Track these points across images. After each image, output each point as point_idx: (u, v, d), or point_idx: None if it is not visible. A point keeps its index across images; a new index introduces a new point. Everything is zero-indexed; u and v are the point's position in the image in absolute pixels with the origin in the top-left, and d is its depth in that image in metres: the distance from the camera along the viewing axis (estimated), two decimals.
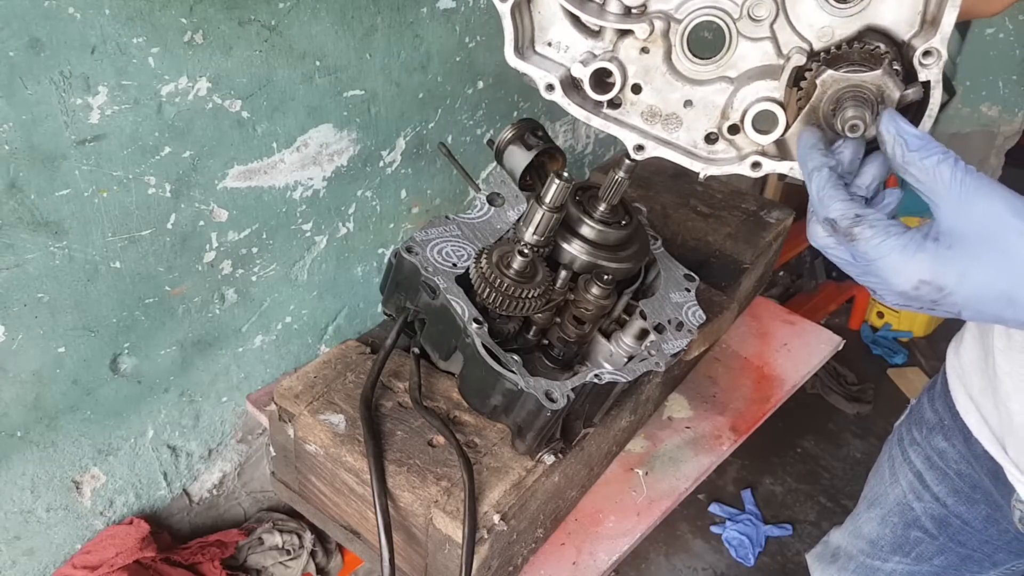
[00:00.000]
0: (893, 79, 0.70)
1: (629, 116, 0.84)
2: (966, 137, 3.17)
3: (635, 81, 0.82)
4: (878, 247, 0.65)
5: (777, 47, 0.77)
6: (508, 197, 1.18)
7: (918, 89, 0.72)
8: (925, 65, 0.71)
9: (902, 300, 0.66)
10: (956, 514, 1.23)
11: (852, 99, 0.71)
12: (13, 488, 1.24)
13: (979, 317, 0.65)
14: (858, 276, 0.68)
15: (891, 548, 1.34)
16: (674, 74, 0.81)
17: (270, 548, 1.55)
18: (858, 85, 0.71)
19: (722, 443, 1.42)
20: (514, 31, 0.81)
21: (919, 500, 1.27)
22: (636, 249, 1.15)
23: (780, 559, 2.44)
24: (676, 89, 0.81)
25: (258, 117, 1.23)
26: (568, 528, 1.26)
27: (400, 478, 1.06)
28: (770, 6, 0.74)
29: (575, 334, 1.11)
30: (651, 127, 0.84)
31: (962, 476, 1.20)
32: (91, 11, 0.98)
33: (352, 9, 1.26)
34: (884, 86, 0.70)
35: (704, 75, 0.80)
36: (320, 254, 1.47)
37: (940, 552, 1.29)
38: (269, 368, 1.52)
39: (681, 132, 0.84)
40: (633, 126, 0.84)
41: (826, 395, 2.95)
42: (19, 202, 1.03)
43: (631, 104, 0.84)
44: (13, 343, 1.12)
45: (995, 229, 0.61)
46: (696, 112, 0.82)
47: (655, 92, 0.82)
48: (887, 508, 1.34)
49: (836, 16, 0.74)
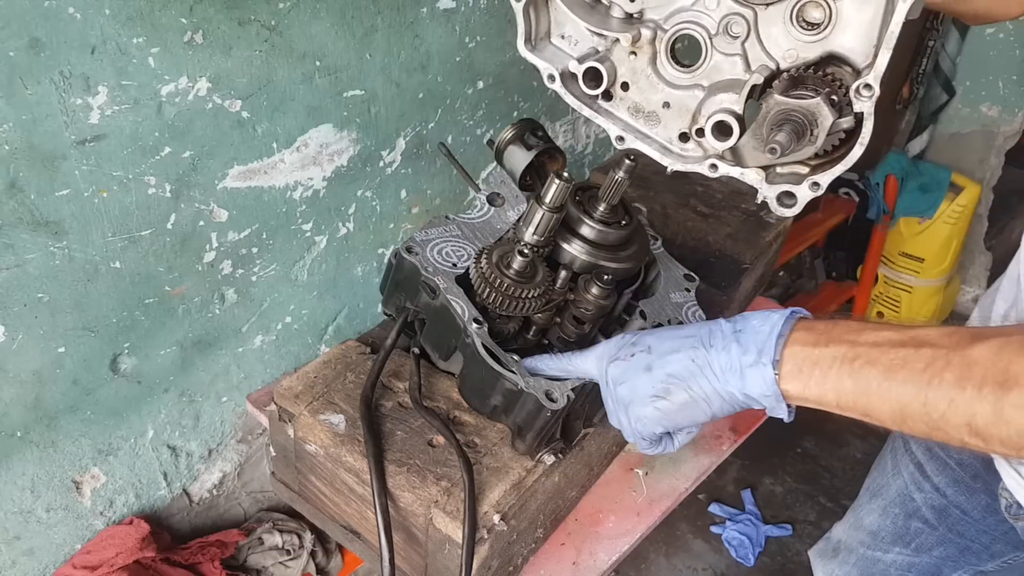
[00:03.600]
0: (828, 108, 0.76)
1: (618, 109, 0.93)
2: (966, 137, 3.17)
3: (624, 80, 0.91)
4: (639, 432, 0.91)
5: (747, 63, 0.84)
6: (508, 197, 1.18)
7: (851, 119, 0.78)
8: (860, 98, 0.76)
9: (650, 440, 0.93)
10: (956, 504, 1.24)
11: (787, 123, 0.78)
12: (13, 488, 1.24)
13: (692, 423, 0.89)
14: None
15: (892, 539, 1.35)
16: (657, 77, 0.89)
17: (270, 548, 1.55)
18: (795, 110, 0.78)
19: (722, 443, 1.42)
20: (526, 26, 0.92)
21: (920, 491, 1.28)
22: (636, 249, 1.15)
23: (780, 559, 2.44)
24: (658, 91, 0.90)
25: (258, 117, 1.23)
26: (568, 528, 1.26)
27: (400, 478, 1.06)
28: (743, 25, 0.81)
29: (575, 334, 1.11)
30: (635, 121, 0.93)
31: (963, 465, 1.21)
32: (91, 11, 0.98)
33: (352, 9, 1.26)
34: (819, 113, 0.77)
35: (682, 81, 0.88)
36: (320, 254, 1.47)
37: (940, 543, 1.30)
38: (269, 368, 1.52)
39: (659, 129, 0.92)
40: (619, 119, 0.93)
41: None
42: (19, 202, 1.03)
43: (620, 99, 0.93)
44: (13, 343, 1.12)
45: (625, 391, 0.89)
46: (673, 113, 0.90)
47: (640, 91, 0.91)
48: (888, 499, 1.35)
49: (801, 40, 0.79)
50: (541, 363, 1.01)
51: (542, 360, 1.01)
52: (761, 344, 0.76)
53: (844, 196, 3.07)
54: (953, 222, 3.05)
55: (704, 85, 0.87)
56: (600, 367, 0.92)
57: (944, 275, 3.18)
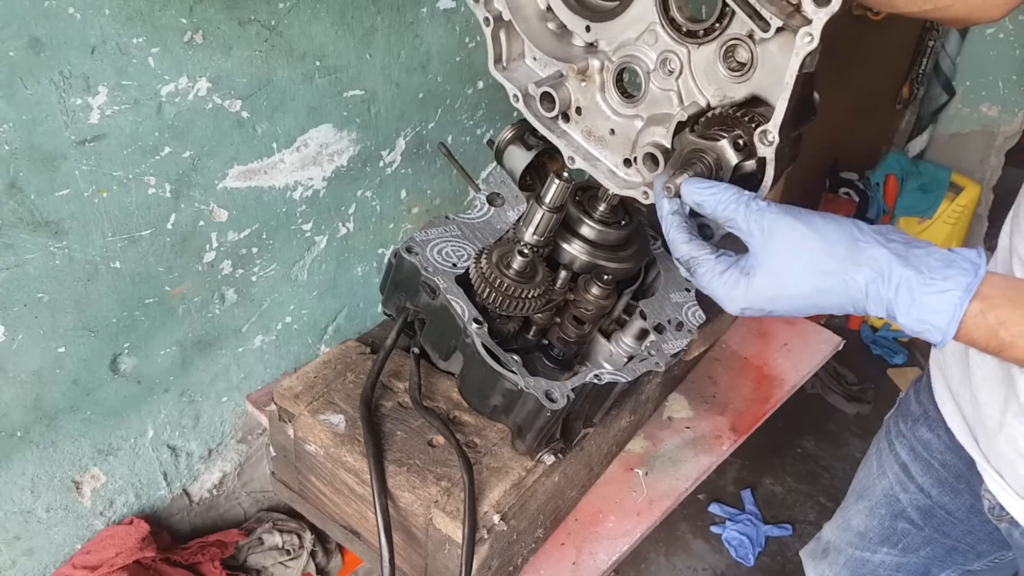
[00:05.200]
0: (733, 151, 0.81)
1: (573, 131, 1.00)
2: (966, 137, 3.17)
3: (578, 105, 0.98)
4: (709, 283, 0.79)
5: (680, 99, 0.88)
6: (508, 197, 1.19)
7: (752, 164, 0.82)
8: (763, 144, 0.80)
9: (739, 315, 0.80)
10: (940, 505, 1.24)
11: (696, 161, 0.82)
12: (13, 488, 1.24)
13: (805, 315, 0.77)
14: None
15: (879, 539, 1.36)
16: (605, 105, 0.95)
17: (270, 548, 1.55)
18: (702, 150, 0.83)
19: (722, 443, 1.42)
20: (495, 49, 1.00)
21: (905, 491, 1.29)
22: (636, 249, 1.15)
23: (780, 559, 2.44)
24: (605, 118, 0.96)
25: (258, 117, 1.23)
26: (568, 528, 1.26)
27: (400, 478, 1.06)
28: (677, 62, 0.85)
29: (575, 334, 1.11)
30: (587, 144, 1.00)
31: (947, 466, 1.22)
32: (91, 11, 0.98)
33: (352, 9, 1.26)
34: (724, 155, 0.81)
35: (625, 111, 0.94)
36: (320, 254, 1.47)
37: (926, 543, 1.30)
38: (269, 368, 1.52)
39: (607, 153, 0.98)
40: (574, 140, 1.00)
41: (826, 395, 2.95)
42: (19, 202, 1.03)
43: (575, 122, 1.00)
44: (13, 343, 1.12)
45: (790, 269, 0.74)
46: (618, 140, 0.96)
47: (591, 117, 0.97)
48: (875, 500, 1.35)
49: (728, 80, 0.83)
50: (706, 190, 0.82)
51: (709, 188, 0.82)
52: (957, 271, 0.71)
53: (844, 196, 3.07)
54: (953, 222, 3.05)
55: (644, 116, 0.92)
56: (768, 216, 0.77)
57: None
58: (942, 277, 0.70)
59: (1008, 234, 1.03)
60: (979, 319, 0.70)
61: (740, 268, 0.77)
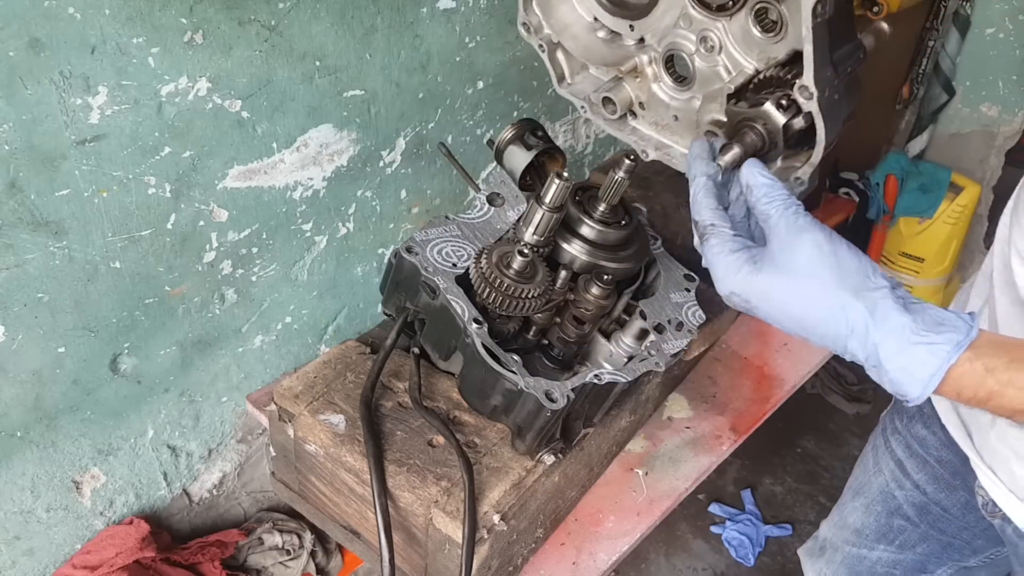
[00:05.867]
0: (778, 111, 0.82)
1: (642, 125, 1.05)
2: (966, 137, 3.17)
3: (640, 100, 1.02)
4: (715, 256, 0.78)
5: (728, 71, 0.90)
6: (508, 197, 1.18)
7: (802, 121, 0.83)
8: (803, 98, 0.82)
9: (724, 299, 0.79)
10: (936, 501, 1.25)
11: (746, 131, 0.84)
12: (13, 488, 1.24)
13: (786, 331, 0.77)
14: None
15: (876, 536, 1.36)
16: (663, 94, 1.00)
17: (270, 548, 1.55)
18: (750, 117, 0.84)
19: (722, 443, 1.42)
20: (555, 69, 1.08)
21: (901, 488, 1.29)
22: (636, 249, 1.15)
23: (780, 559, 2.44)
24: (666, 106, 1.00)
25: (258, 117, 1.23)
26: (568, 528, 1.26)
27: (400, 478, 1.06)
28: (715, 38, 0.88)
29: (575, 334, 1.11)
30: (659, 135, 1.04)
31: (942, 463, 1.22)
32: (91, 11, 0.98)
33: (352, 9, 1.26)
34: (770, 117, 0.83)
35: (680, 95, 0.98)
36: (320, 254, 1.47)
37: (923, 540, 1.31)
38: (269, 368, 1.52)
39: (676, 139, 1.02)
40: (643, 133, 1.05)
41: (826, 395, 2.95)
42: (19, 202, 1.03)
43: (642, 117, 1.05)
44: (13, 343, 1.12)
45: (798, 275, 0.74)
46: (682, 124, 1.00)
47: (653, 109, 1.02)
48: (871, 497, 1.36)
49: (767, 43, 0.85)
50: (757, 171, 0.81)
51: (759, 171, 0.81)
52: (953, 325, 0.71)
53: (844, 196, 3.06)
54: (953, 222, 3.05)
55: (699, 96, 0.95)
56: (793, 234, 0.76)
57: (944, 275, 3.18)
58: (936, 332, 0.70)
59: (1007, 226, 1.02)
60: (967, 367, 0.69)
61: (751, 256, 0.77)
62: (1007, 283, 0.99)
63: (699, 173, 0.82)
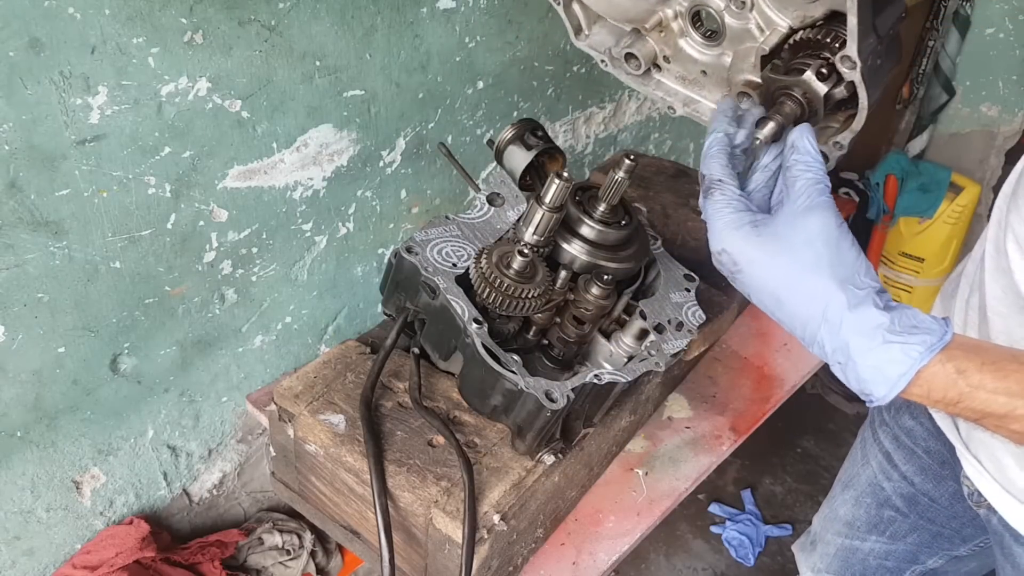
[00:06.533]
0: (819, 80, 0.80)
1: (667, 79, 1.00)
2: (966, 137, 3.17)
3: (665, 54, 0.97)
4: (716, 211, 0.77)
5: (760, 29, 0.86)
6: (508, 197, 1.18)
7: (843, 90, 0.81)
8: (846, 67, 0.79)
9: (713, 258, 0.79)
10: (924, 492, 1.26)
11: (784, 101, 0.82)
12: (13, 488, 1.24)
13: (760, 305, 0.77)
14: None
15: (867, 528, 1.38)
16: (690, 49, 0.95)
17: (270, 548, 1.55)
18: (789, 85, 0.82)
19: (722, 443, 1.42)
20: (571, 21, 1.02)
21: (889, 480, 1.31)
22: (636, 249, 1.15)
23: (780, 559, 2.44)
24: (693, 61, 0.96)
25: (258, 117, 1.23)
26: (568, 528, 1.26)
27: (400, 478, 1.06)
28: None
29: (575, 334, 1.11)
30: (685, 89, 0.99)
31: (930, 453, 1.23)
32: (91, 11, 0.98)
33: (352, 9, 1.26)
34: (811, 87, 0.80)
35: (709, 51, 0.93)
36: (320, 254, 1.47)
37: (912, 530, 1.32)
38: (269, 368, 1.52)
39: (705, 93, 0.97)
40: (669, 87, 1.00)
41: (826, 395, 2.95)
42: (19, 202, 1.03)
43: (667, 70, 0.99)
44: (13, 343, 1.12)
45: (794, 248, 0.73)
46: (712, 79, 0.96)
47: (679, 63, 0.97)
48: (860, 489, 1.37)
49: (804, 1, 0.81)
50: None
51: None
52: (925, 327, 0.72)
53: (844, 196, 3.07)
54: (953, 222, 3.05)
55: (730, 53, 0.90)
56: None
57: (944, 275, 3.18)
58: (910, 332, 0.70)
59: (1003, 210, 1.00)
60: (938, 368, 0.70)
61: (752, 219, 0.76)
62: (999, 268, 0.98)
63: (718, 129, 0.82)
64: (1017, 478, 1.01)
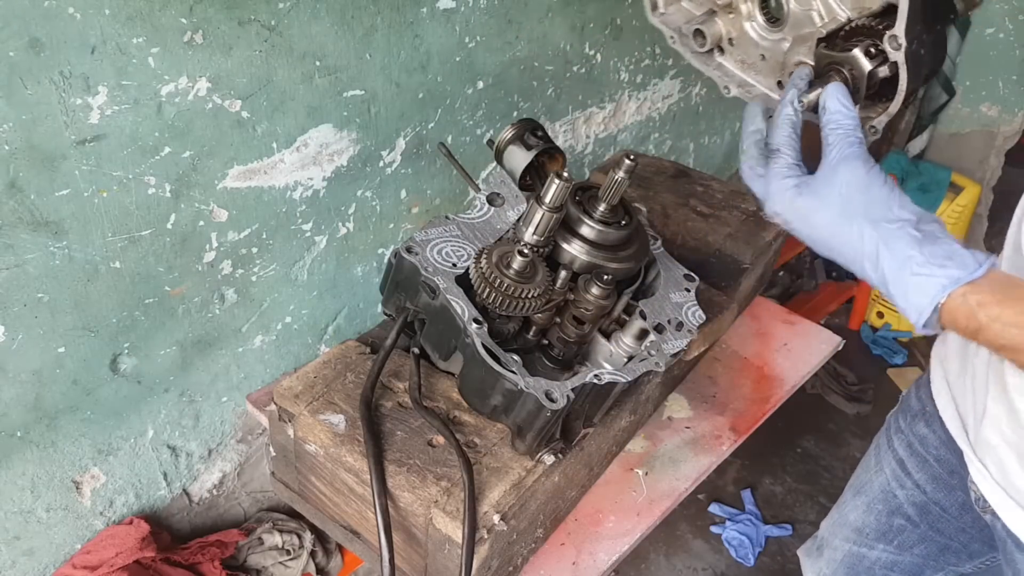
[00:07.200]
0: (866, 58, 0.88)
1: (728, 62, 1.09)
2: (966, 137, 3.17)
3: (730, 36, 1.06)
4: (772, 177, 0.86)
5: (820, 16, 0.95)
6: (508, 197, 1.18)
7: (886, 70, 0.89)
8: (892, 47, 0.86)
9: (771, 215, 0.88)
10: (935, 501, 1.26)
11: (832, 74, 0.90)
12: (13, 488, 1.24)
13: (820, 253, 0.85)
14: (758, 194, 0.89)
15: (876, 536, 1.37)
16: (753, 33, 1.04)
17: (270, 548, 1.55)
18: (838, 61, 0.90)
19: (722, 443, 1.42)
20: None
21: (902, 487, 1.30)
22: (636, 249, 1.15)
23: (780, 559, 2.44)
24: (755, 45, 1.04)
25: (258, 117, 1.23)
26: (568, 528, 1.26)
27: (400, 478, 1.06)
28: None
29: (575, 334, 1.11)
30: (743, 73, 1.08)
31: (941, 462, 1.23)
32: (91, 11, 0.98)
33: (352, 9, 1.26)
34: (857, 62, 0.89)
35: (771, 35, 1.02)
36: (320, 254, 1.47)
37: (921, 540, 1.31)
38: (269, 368, 1.52)
39: (760, 78, 1.06)
40: (728, 69, 1.09)
41: (826, 395, 2.95)
42: (19, 202, 1.03)
43: (729, 53, 1.08)
44: (13, 343, 1.12)
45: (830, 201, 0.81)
46: (768, 64, 1.04)
47: (741, 46, 1.06)
48: (872, 495, 1.37)
49: None
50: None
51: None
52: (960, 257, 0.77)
53: None
54: (953, 222, 3.05)
55: (789, 38, 0.99)
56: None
57: None
58: (940, 266, 0.75)
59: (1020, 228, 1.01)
60: (959, 301, 0.75)
61: (797, 181, 0.84)
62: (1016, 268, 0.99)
63: (788, 103, 0.89)
64: (1020, 483, 1.00)
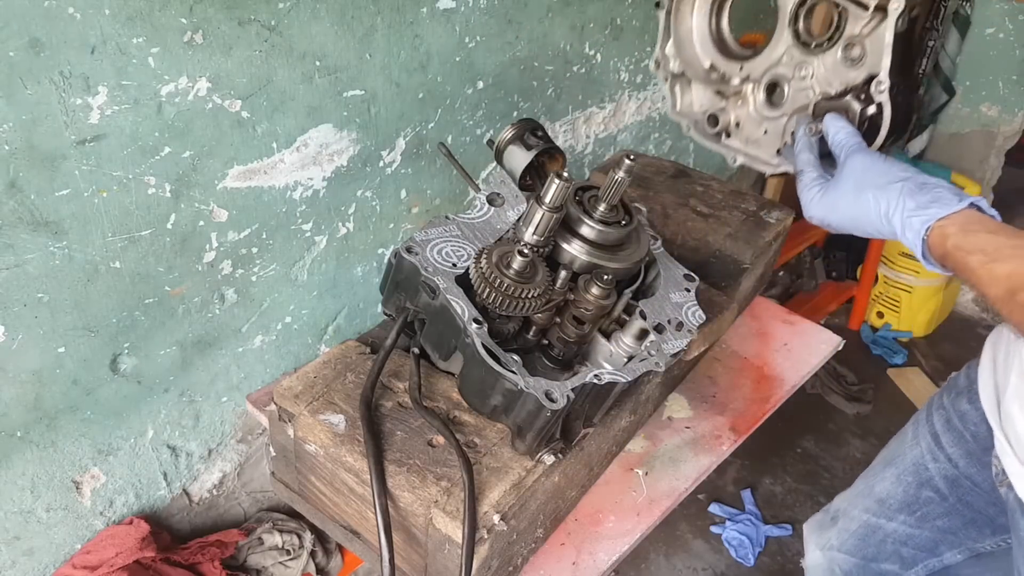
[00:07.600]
0: (856, 102, 1.08)
1: (734, 142, 1.28)
2: (966, 137, 3.17)
3: (738, 120, 1.27)
4: (802, 192, 1.07)
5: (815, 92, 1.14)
6: (508, 197, 1.18)
7: (873, 108, 1.07)
8: (876, 91, 1.06)
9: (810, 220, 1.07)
10: (967, 475, 1.29)
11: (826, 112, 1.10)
12: (13, 488, 1.24)
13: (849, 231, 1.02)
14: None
15: (899, 506, 1.40)
16: (758, 115, 1.24)
17: (270, 548, 1.55)
18: (834, 107, 1.11)
19: (722, 443, 1.42)
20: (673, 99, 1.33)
21: (935, 461, 1.34)
22: (636, 249, 1.15)
23: (780, 559, 2.44)
24: (758, 124, 1.24)
25: (258, 117, 1.23)
26: (568, 528, 1.26)
27: (400, 478, 1.06)
28: (809, 68, 1.14)
29: (575, 334, 1.11)
30: (747, 148, 1.27)
31: (977, 438, 1.27)
32: (91, 11, 0.98)
33: (352, 9, 1.26)
34: (850, 106, 1.09)
35: (773, 115, 1.21)
36: (320, 254, 1.47)
37: (946, 513, 1.35)
38: (269, 368, 1.52)
39: (762, 151, 1.25)
40: (735, 147, 1.28)
41: (826, 395, 2.95)
42: (19, 202, 1.03)
43: (735, 134, 1.28)
44: (13, 343, 1.12)
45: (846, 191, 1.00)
46: (770, 137, 1.23)
47: (747, 127, 1.26)
48: (903, 467, 1.41)
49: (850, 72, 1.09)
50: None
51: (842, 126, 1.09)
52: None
53: None
54: None
55: (788, 113, 1.18)
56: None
57: (944, 275, 3.18)
58: (925, 207, 0.92)
59: None
60: (937, 233, 0.91)
61: (821, 185, 1.04)
62: None
63: (803, 136, 1.11)
64: None
